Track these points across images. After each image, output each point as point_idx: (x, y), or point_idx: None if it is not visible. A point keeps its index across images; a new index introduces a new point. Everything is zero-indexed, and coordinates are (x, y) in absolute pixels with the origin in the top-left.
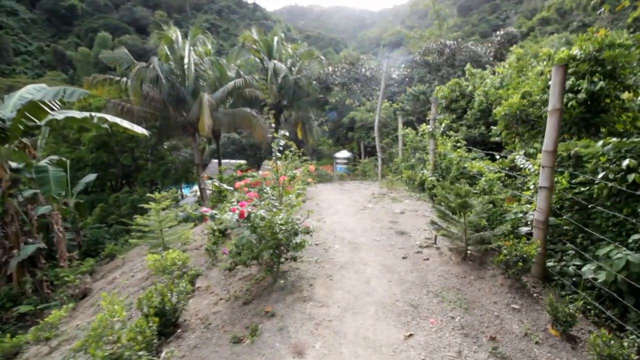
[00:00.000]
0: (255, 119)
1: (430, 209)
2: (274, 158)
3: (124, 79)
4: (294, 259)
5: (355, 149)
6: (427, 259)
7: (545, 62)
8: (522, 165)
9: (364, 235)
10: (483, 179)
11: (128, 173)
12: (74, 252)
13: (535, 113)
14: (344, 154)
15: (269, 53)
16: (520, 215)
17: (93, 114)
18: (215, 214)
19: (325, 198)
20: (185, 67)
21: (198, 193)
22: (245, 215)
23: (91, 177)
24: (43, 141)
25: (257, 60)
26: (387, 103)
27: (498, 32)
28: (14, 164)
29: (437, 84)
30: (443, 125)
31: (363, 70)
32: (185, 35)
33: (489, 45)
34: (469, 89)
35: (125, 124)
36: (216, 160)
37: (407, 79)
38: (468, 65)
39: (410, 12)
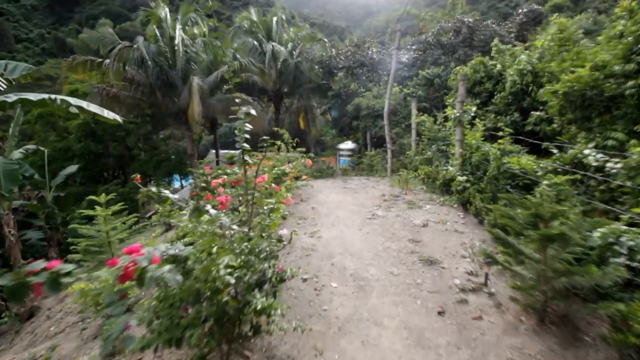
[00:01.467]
0: (251, 106)
1: (463, 220)
2: (238, 153)
3: (107, 61)
4: (256, 329)
5: (361, 140)
6: (479, 317)
7: (627, 21)
8: (595, 164)
9: (374, 264)
10: (545, 183)
11: (122, 164)
12: (51, 251)
13: (611, 90)
14: (347, 145)
15: (268, 35)
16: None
17: (53, 96)
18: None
19: (324, 200)
20: (175, 48)
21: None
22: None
23: (72, 168)
24: (16, 129)
25: (256, 43)
26: (396, 88)
27: (520, 10)
28: None
29: (453, 66)
30: (474, 110)
31: (370, 52)
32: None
33: (509, 24)
34: (497, 68)
35: (93, 108)
36: (222, 150)
37: (418, 62)
38: (495, 41)
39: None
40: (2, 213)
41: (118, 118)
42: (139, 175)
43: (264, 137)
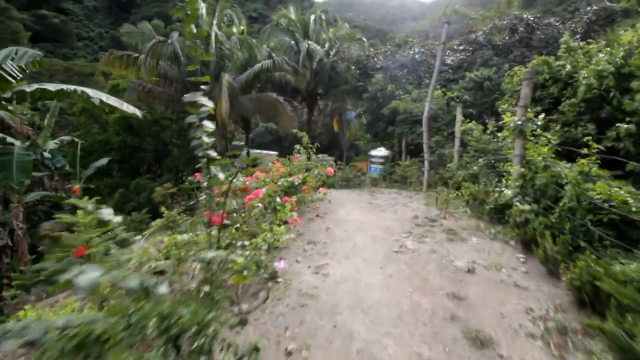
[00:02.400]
0: (281, 106)
1: (525, 267)
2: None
3: (142, 56)
4: None
5: (396, 147)
6: None
7: None
8: None
9: (395, 334)
10: None
11: (157, 158)
12: None
13: None
14: (380, 151)
15: (305, 34)
16: None
17: (72, 87)
18: None
19: (344, 217)
20: (212, 47)
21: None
22: None
23: (103, 161)
24: (52, 120)
25: (292, 42)
26: (439, 92)
27: (588, 8)
28: None
29: (507, 69)
30: (540, 118)
31: (411, 52)
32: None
33: (574, 24)
34: (566, 69)
35: (112, 101)
36: (253, 150)
37: (465, 64)
38: (565, 37)
39: (465, 1)
40: (12, 205)
41: (137, 112)
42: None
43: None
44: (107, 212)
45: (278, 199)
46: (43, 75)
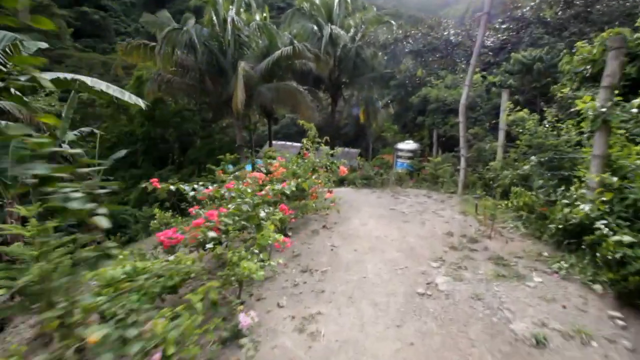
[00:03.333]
0: (301, 95)
1: (626, 336)
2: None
3: (157, 45)
4: None
5: (426, 139)
6: None
7: None
8: None
9: None
10: None
11: (180, 149)
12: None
13: None
14: (408, 144)
15: (329, 18)
16: None
17: (70, 75)
18: None
19: (356, 230)
20: (229, 33)
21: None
22: None
23: (120, 153)
24: (70, 111)
25: (315, 28)
26: (477, 76)
27: None
28: None
29: (562, 48)
30: (636, 104)
31: (445, 34)
32: None
33: None
34: None
35: (113, 90)
36: (276, 142)
37: (509, 45)
38: None
39: None
40: (6, 202)
41: (140, 102)
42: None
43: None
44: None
45: (264, 213)
46: (82, 69)
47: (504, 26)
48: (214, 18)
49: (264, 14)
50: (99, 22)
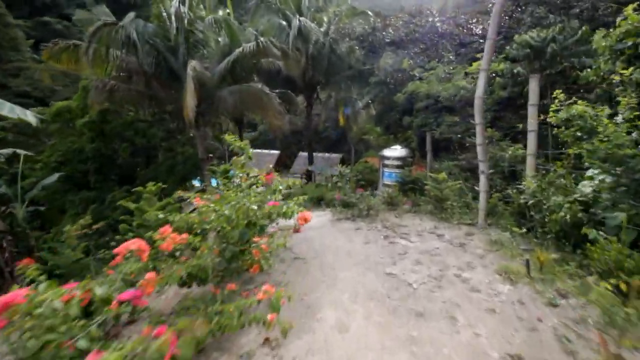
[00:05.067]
0: (267, 98)
1: None
2: None
3: (84, 44)
4: None
5: (414, 143)
6: None
7: None
8: None
9: None
10: None
11: (139, 167)
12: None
13: None
14: (395, 150)
15: (298, 11)
16: None
17: None
18: None
19: (329, 350)
20: (173, 28)
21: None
22: None
23: (52, 178)
24: None
25: (283, 23)
26: (475, 65)
27: None
28: None
29: (577, 26)
30: None
31: (430, 20)
32: None
33: None
34: None
35: None
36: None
37: (503, 30)
38: None
39: None
40: None
41: (30, 118)
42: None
43: None
44: None
45: None
46: (42, 81)
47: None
48: (163, 13)
49: (227, 10)
50: (62, 31)
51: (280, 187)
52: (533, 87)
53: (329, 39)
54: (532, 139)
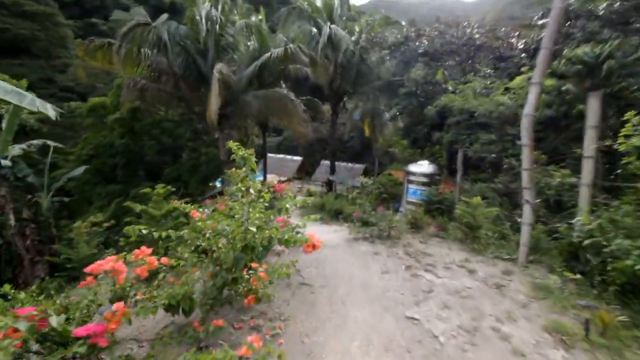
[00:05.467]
0: (292, 104)
1: None
2: None
3: (116, 43)
4: None
5: (443, 160)
6: None
7: None
8: None
9: None
10: None
11: (165, 164)
12: (38, 270)
13: None
14: (422, 166)
15: (329, 18)
16: None
17: None
18: None
19: None
20: (203, 31)
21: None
22: None
23: (78, 171)
24: (12, 124)
25: (314, 30)
26: (519, 79)
27: None
28: None
29: (636, 42)
30: None
31: (468, 31)
32: None
33: None
34: None
35: (11, 97)
36: (272, 155)
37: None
38: None
39: None
40: None
41: (50, 111)
42: None
43: None
44: None
45: None
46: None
47: (540, 22)
48: (197, 16)
49: (259, 17)
50: (107, 32)
51: (288, 206)
52: (593, 107)
53: (359, 48)
54: (588, 167)
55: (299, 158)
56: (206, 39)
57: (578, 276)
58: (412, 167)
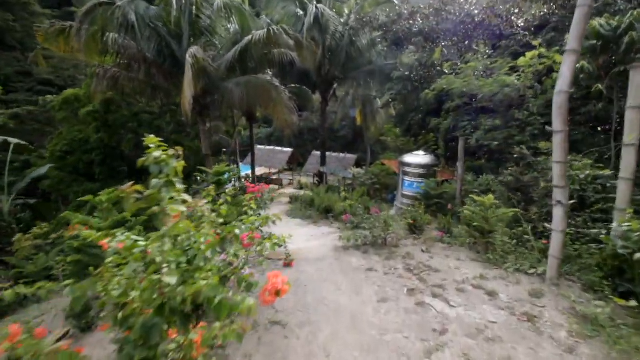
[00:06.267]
0: (276, 92)
1: None
2: None
3: (75, 25)
4: None
5: (441, 149)
6: None
7: None
8: None
9: None
10: None
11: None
12: None
13: None
14: (418, 157)
15: None
16: None
17: None
18: None
19: None
20: (175, 10)
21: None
22: None
23: (41, 170)
24: None
25: (301, 12)
26: (531, 54)
27: None
28: None
29: None
30: None
31: (467, 8)
32: None
33: None
34: None
35: None
36: (261, 147)
37: (553, 20)
38: None
39: None
40: None
41: None
42: None
43: None
44: None
45: None
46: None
47: None
48: None
49: None
50: None
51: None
52: (636, 82)
53: (349, 30)
54: (629, 157)
55: (289, 149)
56: (179, 20)
57: (633, 303)
58: (408, 158)
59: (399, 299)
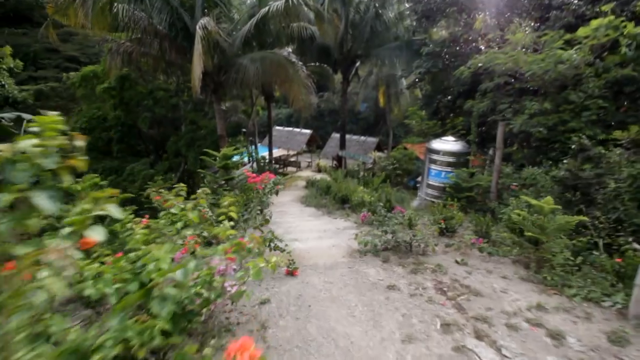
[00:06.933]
0: (293, 68)
1: None
2: None
3: None
4: None
5: (473, 135)
6: None
7: None
8: None
9: None
10: None
11: (161, 138)
12: None
13: None
14: (448, 144)
15: None
16: None
17: None
18: None
19: None
20: None
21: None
22: None
23: None
24: None
25: None
26: (595, 22)
27: None
28: None
29: None
30: None
31: None
32: None
33: None
34: None
35: None
36: (279, 127)
37: None
38: None
39: None
40: None
41: None
42: None
43: None
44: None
45: None
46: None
47: None
48: None
49: None
50: None
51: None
52: None
53: (374, 1)
54: None
55: (308, 131)
56: None
57: None
58: (436, 144)
59: (430, 337)
